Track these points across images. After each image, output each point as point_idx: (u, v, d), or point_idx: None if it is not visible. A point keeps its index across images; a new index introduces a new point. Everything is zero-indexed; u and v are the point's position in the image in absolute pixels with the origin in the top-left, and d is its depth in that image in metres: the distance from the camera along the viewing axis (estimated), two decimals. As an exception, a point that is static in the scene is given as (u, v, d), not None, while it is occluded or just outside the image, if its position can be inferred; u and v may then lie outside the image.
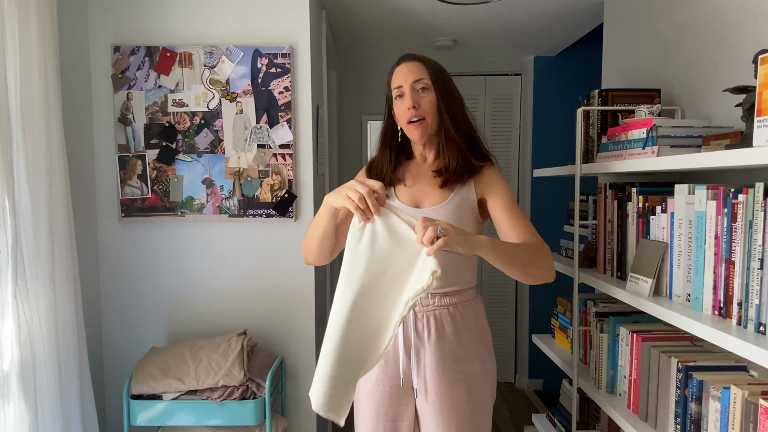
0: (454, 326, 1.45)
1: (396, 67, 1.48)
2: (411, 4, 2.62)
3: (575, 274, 1.92)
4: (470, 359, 1.46)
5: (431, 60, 1.49)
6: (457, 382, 1.44)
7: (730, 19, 1.63)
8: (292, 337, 2.28)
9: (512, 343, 3.95)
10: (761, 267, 1.15)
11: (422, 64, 1.45)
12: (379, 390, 1.48)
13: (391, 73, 1.50)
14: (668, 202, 1.49)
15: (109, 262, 2.25)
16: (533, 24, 2.96)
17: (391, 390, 1.47)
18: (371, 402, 1.49)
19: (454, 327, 1.45)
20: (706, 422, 1.33)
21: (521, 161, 3.83)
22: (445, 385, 1.43)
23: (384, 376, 1.48)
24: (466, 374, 1.45)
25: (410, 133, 1.46)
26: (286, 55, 2.19)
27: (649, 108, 1.70)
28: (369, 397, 1.49)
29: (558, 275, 2.72)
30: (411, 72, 1.44)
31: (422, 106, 1.43)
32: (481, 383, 1.48)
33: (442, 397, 1.43)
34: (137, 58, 2.17)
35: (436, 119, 1.45)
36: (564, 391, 2.19)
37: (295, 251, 2.25)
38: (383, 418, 1.48)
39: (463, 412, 1.44)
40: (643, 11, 2.16)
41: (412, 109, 1.42)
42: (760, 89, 1.05)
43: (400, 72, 1.46)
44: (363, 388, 1.51)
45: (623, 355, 1.71)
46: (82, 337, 1.81)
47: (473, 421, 1.46)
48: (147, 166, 2.20)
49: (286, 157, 2.21)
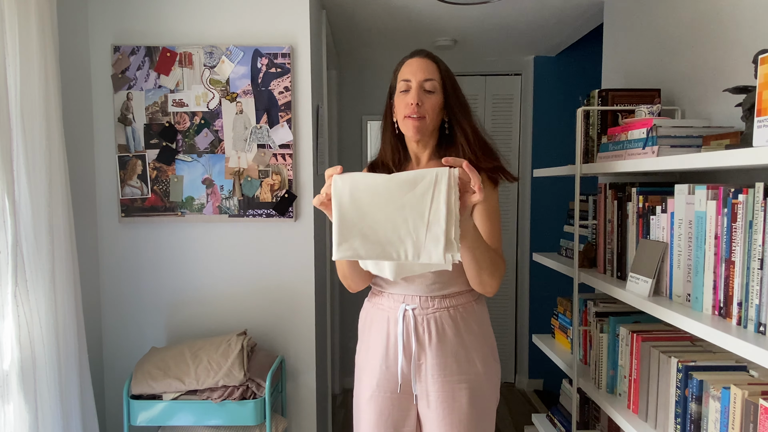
0: (456, 329, 1.44)
1: (408, 59, 1.46)
2: (411, 4, 2.62)
3: (575, 274, 1.92)
4: (472, 360, 1.45)
5: (444, 62, 1.47)
6: (459, 385, 1.43)
7: (730, 19, 1.63)
8: (292, 337, 2.28)
9: (512, 343, 3.95)
10: (761, 267, 1.15)
11: (435, 64, 1.44)
12: (380, 396, 1.46)
13: (401, 63, 1.47)
14: (668, 202, 1.49)
15: (109, 262, 2.25)
16: (533, 24, 2.96)
17: (392, 396, 1.46)
18: (373, 408, 1.47)
19: (455, 329, 1.44)
20: (706, 422, 1.33)
21: (521, 161, 3.83)
22: (447, 391, 1.42)
23: (385, 381, 1.46)
24: (468, 375, 1.44)
25: (405, 127, 1.43)
26: (286, 55, 2.19)
27: (649, 108, 1.70)
28: (370, 403, 1.48)
29: (558, 275, 2.72)
30: (422, 69, 1.41)
31: (425, 105, 1.40)
32: (483, 386, 1.46)
33: (444, 402, 1.42)
34: (137, 58, 2.17)
35: (434, 121, 1.43)
36: (564, 391, 2.19)
37: (295, 251, 2.25)
38: (385, 425, 1.46)
39: (467, 417, 1.43)
40: (643, 11, 2.16)
41: (415, 106, 1.39)
42: (760, 89, 1.05)
43: (411, 66, 1.43)
44: (364, 394, 1.50)
45: (623, 355, 1.71)
46: (82, 337, 1.81)
47: (476, 426, 1.45)
48: (147, 166, 2.20)
49: (286, 157, 2.21)
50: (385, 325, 1.47)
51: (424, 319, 1.43)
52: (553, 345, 2.28)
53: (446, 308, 1.44)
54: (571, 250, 2.13)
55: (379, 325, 1.48)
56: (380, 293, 1.51)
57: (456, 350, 1.43)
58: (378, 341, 1.48)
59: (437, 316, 1.43)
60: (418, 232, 1.12)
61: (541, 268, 3.57)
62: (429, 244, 1.12)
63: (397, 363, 1.45)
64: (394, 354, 1.45)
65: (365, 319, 1.55)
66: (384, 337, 1.47)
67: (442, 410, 1.42)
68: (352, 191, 1.13)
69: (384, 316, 1.47)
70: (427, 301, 1.43)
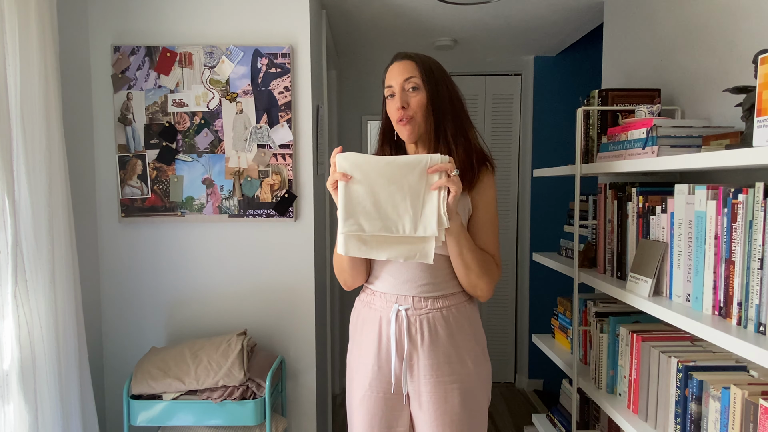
0: (448, 329, 1.44)
1: (389, 66, 1.47)
2: (411, 4, 2.62)
3: (575, 274, 1.92)
4: (463, 360, 1.45)
5: (425, 58, 1.46)
6: (451, 386, 1.43)
7: (730, 19, 1.63)
8: (292, 337, 2.28)
9: (512, 343, 3.95)
10: (761, 267, 1.15)
11: (413, 62, 1.43)
12: (372, 396, 1.46)
13: (384, 72, 1.49)
14: (668, 202, 1.49)
15: (109, 262, 2.25)
16: (533, 24, 2.96)
17: (385, 396, 1.46)
18: (365, 408, 1.47)
19: (447, 330, 1.44)
20: (706, 422, 1.33)
21: (521, 161, 3.83)
22: (440, 392, 1.42)
23: (377, 382, 1.46)
24: (459, 375, 1.44)
25: (400, 131, 1.45)
26: (286, 55, 2.19)
27: (649, 108, 1.70)
28: (362, 404, 1.48)
29: (558, 275, 2.73)
30: (401, 71, 1.43)
31: (411, 105, 1.41)
32: (475, 386, 1.47)
33: (435, 402, 1.42)
34: (137, 58, 2.17)
35: (425, 119, 1.43)
36: (564, 391, 2.19)
37: (295, 251, 2.25)
38: (378, 425, 1.46)
39: (458, 417, 1.43)
40: (644, 11, 2.16)
41: (401, 110, 1.41)
42: (760, 89, 1.05)
43: (392, 71, 1.45)
44: (356, 395, 1.50)
45: (623, 355, 1.71)
46: (82, 337, 1.81)
47: (469, 427, 1.45)
48: (147, 166, 2.20)
49: (286, 157, 2.21)
50: (377, 326, 1.47)
51: (416, 319, 1.43)
52: (553, 345, 2.28)
53: (439, 309, 1.44)
54: (571, 250, 2.13)
55: (371, 326, 1.48)
56: (372, 293, 1.51)
57: (448, 351, 1.44)
58: (370, 341, 1.48)
59: (430, 317, 1.43)
60: (415, 208, 1.30)
61: (541, 268, 3.57)
62: (424, 218, 1.30)
63: (389, 363, 1.45)
64: (387, 354, 1.45)
65: (357, 319, 1.55)
66: (376, 338, 1.47)
67: (434, 411, 1.42)
68: (358, 171, 1.29)
69: (376, 317, 1.47)
70: (420, 301, 1.43)
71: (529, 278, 3.80)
